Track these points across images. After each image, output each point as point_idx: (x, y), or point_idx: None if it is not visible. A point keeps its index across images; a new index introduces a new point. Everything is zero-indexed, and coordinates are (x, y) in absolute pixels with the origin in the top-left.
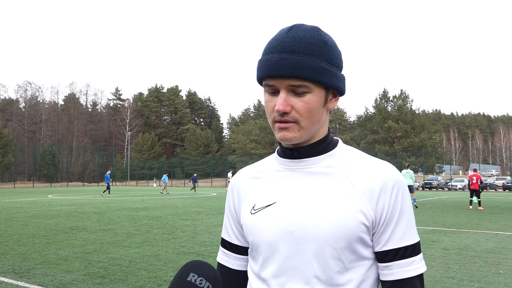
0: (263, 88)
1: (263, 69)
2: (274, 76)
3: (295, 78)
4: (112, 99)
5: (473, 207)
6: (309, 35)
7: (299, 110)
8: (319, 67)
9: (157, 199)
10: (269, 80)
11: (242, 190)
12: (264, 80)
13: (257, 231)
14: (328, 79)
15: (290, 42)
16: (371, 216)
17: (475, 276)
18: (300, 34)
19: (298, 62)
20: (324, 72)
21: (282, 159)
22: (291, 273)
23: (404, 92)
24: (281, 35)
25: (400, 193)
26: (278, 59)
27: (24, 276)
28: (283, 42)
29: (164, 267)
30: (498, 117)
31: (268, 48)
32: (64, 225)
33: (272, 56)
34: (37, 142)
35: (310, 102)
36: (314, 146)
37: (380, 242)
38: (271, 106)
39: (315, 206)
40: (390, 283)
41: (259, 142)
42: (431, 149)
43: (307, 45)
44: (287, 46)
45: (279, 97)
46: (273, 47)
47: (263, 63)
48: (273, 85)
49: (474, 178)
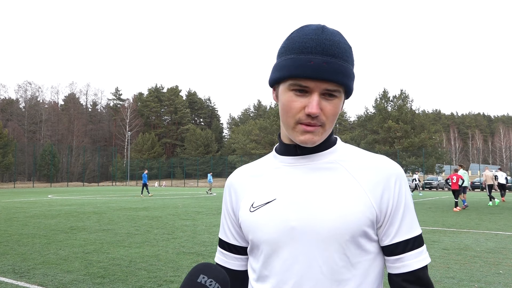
0: (286, 86)
1: (302, 68)
2: (315, 78)
3: (334, 83)
4: (112, 99)
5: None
6: (342, 40)
7: (327, 114)
8: (352, 74)
9: (157, 199)
10: (305, 81)
11: (239, 188)
12: (296, 79)
13: (257, 229)
14: (352, 85)
15: (330, 46)
16: (376, 209)
17: (475, 276)
18: (335, 38)
19: (340, 68)
20: (352, 78)
21: (282, 157)
22: (295, 269)
23: (404, 92)
24: (316, 35)
25: (403, 186)
26: (321, 61)
27: (24, 276)
28: (323, 44)
29: (164, 267)
30: (498, 117)
31: (305, 47)
32: (64, 225)
33: (315, 58)
34: (37, 142)
35: (337, 106)
36: (318, 144)
37: (389, 235)
38: (298, 106)
39: (317, 201)
40: (404, 275)
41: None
42: (431, 149)
43: (343, 51)
44: (328, 49)
45: (312, 100)
46: (312, 48)
47: (302, 63)
48: (307, 86)
49: (454, 177)
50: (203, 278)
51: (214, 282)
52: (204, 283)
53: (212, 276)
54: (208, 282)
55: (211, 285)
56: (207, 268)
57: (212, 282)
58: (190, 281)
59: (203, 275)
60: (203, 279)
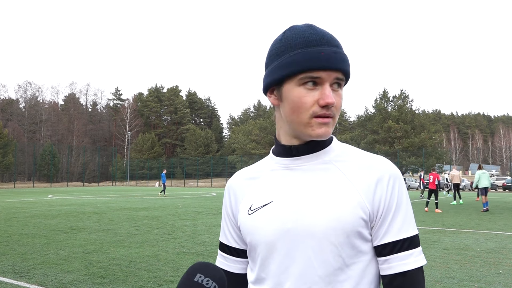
0: (294, 82)
1: (315, 60)
2: (329, 68)
3: (342, 72)
4: (112, 99)
5: (428, 209)
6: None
7: (336, 105)
8: (350, 65)
9: (157, 199)
10: (318, 72)
11: (238, 191)
12: (308, 72)
13: (254, 231)
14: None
15: (331, 37)
16: (369, 209)
17: (475, 276)
18: (327, 31)
19: (345, 58)
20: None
21: (278, 158)
22: (291, 271)
23: (404, 92)
24: (314, 30)
25: (397, 186)
26: (331, 51)
27: (24, 276)
28: (326, 36)
29: (164, 267)
30: (498, 117)
31: (309, 40)
32: (64, 225)
33: (324, 48)
34: (37, 142)
35: (342, 97)
36: (311, 144)
37: (378, 235)
38: (311, 100)
39: (311, 202)
40: (389, 277)
41: (259, 142)
42: (431, 149)
43: (340, 43)
44: (332, 40)
45: (325, 90)
46: (318, 40)
47: (314, 55)
48: (320, 77)
49: (431, 177)
50: (200, 277)
51: (211, 281)
52: (201, 282)
53: (209, 275)
54: (205, 281)
55: (208, 284)
56: (204, 267)
57: (209, 281)
58: (187, 280)
59: (200, 274)
60: (200, 278)
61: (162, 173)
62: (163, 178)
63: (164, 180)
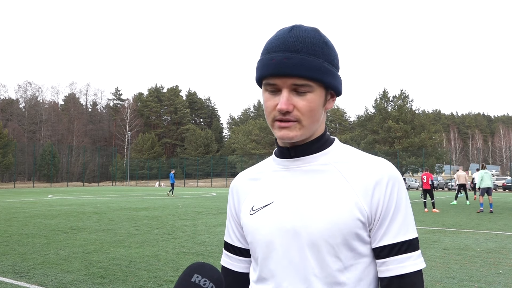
0: (263, 87)
1: (266, 67)
2: (278, 74)
3: (299, 77)
4: (112, 99)
5: (428, 210)
6: (311, 35)
7: (301, 109)
8: (322, 67)
9: (157, 199)
10: (272, 79)
11: (241, 192)
12: (265, 79)
13: (255, 231)
14: (329, 79)
15: (293, 42)
16: (367, 211)
17: (475, 276)
18: (302, 34)
19: (303, 62)
20: (326, 72)
21: (279, 159)
22: (289, 271)
23: (404, 92)
24: (283, 34)
25: (396, 188)
26: (282, 57)
27: (24, 276)
28: (286, 42)
29: (164, 267)
30: (498, 117)
31: (270, 47)
32: (64, 225)
33: (276, 55)
34: (37, 142)
35: (311, 101)
36: (310, 145)
37: (376, 238)
38: (272, 105)
39: (309, 203)
40: (387, 280)
41: (259, 142)
42: (431, 149)
43: (310, 45)
44: (291, 45)
45: (282, 96)
46: (275, 46)
47: (265, 62)
48: (275, 84)
49: (425, 177)
50: (197, 277)
51: (208, 281)
52: (198, 283)
53: (206, 275)
54: (202, 282)
55: (205, 284)
56: (201, 267)
57: (206, 281)
58: (184, 280)
59: (197, 275)
60: (197, 278)
61: (171, 173)
62: (172, 178)
63: (172, 180)
